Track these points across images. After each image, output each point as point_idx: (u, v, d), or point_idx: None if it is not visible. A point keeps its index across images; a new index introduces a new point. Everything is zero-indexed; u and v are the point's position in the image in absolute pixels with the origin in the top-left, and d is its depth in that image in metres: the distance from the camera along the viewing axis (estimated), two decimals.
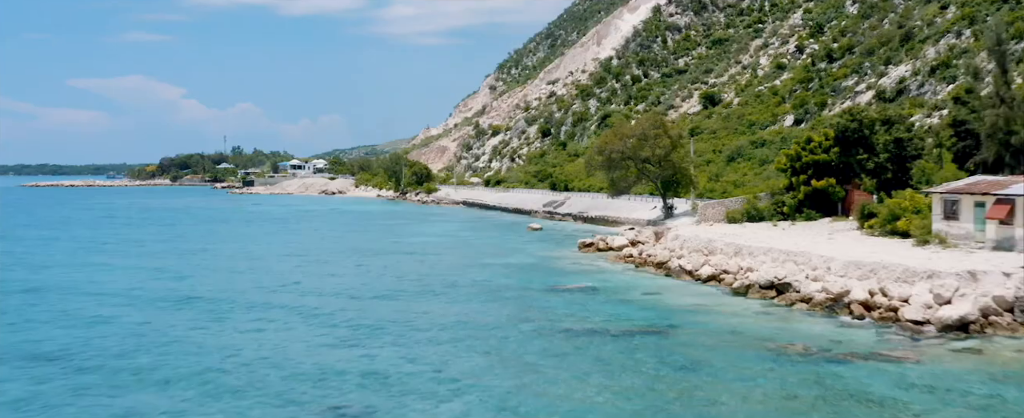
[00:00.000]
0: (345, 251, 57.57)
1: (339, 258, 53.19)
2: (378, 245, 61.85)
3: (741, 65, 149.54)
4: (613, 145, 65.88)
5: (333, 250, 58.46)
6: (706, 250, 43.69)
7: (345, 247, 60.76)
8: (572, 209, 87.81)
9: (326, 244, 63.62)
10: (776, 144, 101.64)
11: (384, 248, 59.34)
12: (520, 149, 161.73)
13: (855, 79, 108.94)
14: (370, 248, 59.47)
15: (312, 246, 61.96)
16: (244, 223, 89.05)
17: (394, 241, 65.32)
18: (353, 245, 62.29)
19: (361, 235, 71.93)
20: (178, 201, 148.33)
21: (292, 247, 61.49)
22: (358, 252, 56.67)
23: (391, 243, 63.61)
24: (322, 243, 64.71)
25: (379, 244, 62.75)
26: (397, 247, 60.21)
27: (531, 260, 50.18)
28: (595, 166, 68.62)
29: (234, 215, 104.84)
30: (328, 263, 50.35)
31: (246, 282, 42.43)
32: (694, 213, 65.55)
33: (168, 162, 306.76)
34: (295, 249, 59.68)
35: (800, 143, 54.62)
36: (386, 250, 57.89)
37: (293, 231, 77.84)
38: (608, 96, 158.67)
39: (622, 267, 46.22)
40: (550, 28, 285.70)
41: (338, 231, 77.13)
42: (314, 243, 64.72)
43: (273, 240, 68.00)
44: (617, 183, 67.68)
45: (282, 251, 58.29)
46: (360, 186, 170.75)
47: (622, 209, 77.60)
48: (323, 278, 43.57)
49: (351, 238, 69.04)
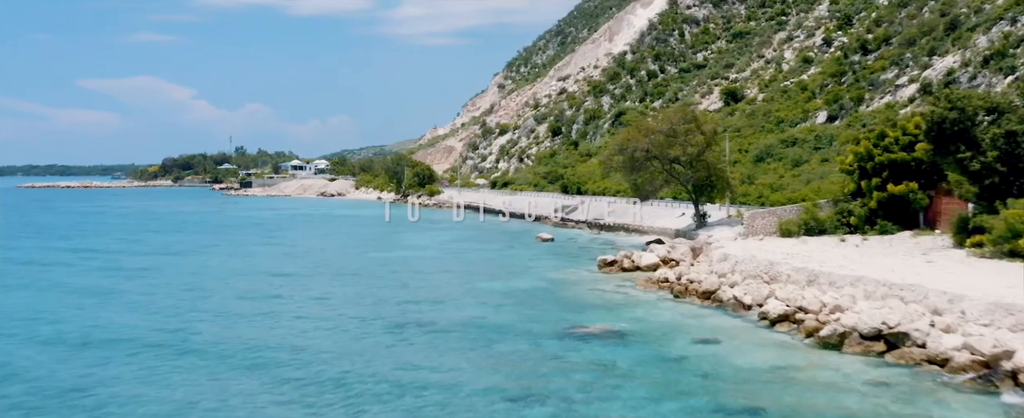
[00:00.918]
0: (315, 270, 47.30)
1: (304, 281, 42.90)
2: (359, 261, 51.60)
3: (764, 59, 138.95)
4: (636, 142, 55.51)
5: (302, 268, 48.23)
6: (767, 275, 33.28)
7: (318, 263, 50.53)
8: (587, 215, 77.48)
9: (298, 260, 53.39)
10: (809, 142, 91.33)
11: (365, 266, 49.07)
12: (529, 149, 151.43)
13: (895, 72, 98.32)
14: (348, 266, 49.20)
15: (279, 263, 51.71)
16: (217, 231, 78.94)
17: (381, 255, 55.08)
18: (330, 261, 52.06)
19: (344, 247, 61.70)
20: (166, 203, 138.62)
21: (254, 263, 51.28)
22: (331, 272, 46.40)
23: (376, 258, 53.38)
24: (293, 259, 54.48)
25: (361, 260, 52.52)
26: (382, 264, 49.98)
27: (540, 284, 39.82)
28: (614, 167, 58.19)
29: (215, 221, 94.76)
30: (284, 290, 40.01)
31: (146, 317, 32.24)
32: (731, 222, 55.10)
33: (170, 163, 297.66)
34: (255, 267, 49.44)
35: (871, 138, 44.07)
36: (367, 269, 47.62)
37: (268, 241, 67.64)
38: (622, 92, 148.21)
39: (656, 296, 35.84)
40: (560, 25, 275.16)
41: (320, 241, 66.99)
42: (283, 259, 54.47)
43: (237, 254, 57.84)
44: (641, 187, 57.32)
45: (238, 270, 48.06)
46: (361, 188, 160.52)
47: (644, 216, 67.25)
48: (264, 316, 33.22)
49: (331, 251, 58.83)
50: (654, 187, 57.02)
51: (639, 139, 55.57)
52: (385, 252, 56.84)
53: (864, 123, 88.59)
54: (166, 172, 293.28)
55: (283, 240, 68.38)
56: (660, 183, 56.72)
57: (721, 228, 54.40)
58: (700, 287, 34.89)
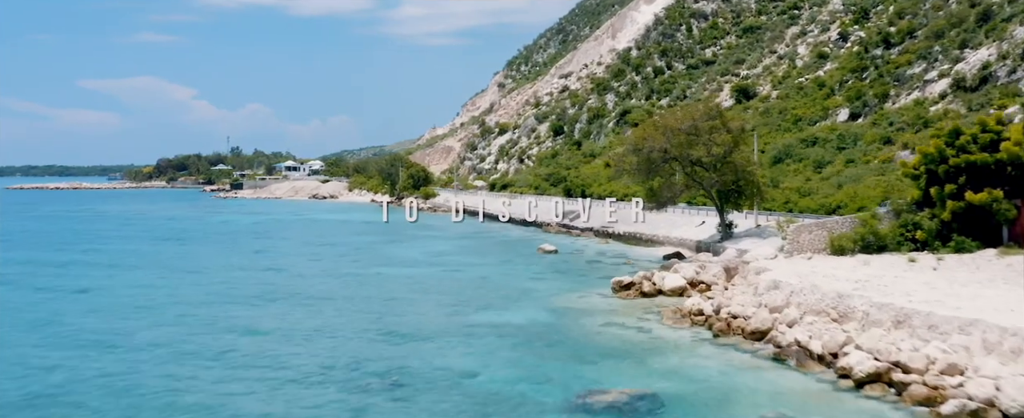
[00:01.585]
0: (274, 294, 39.54)
1: (253, 311, 35.16)
2: (332, 281, 43.86)
3: (776, 55, 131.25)
4: (653, 141, 47.84)
5: (258, 292, 40.47)
6: (835, 311, 25.60)
7: (281, 284, 42.77)
8: (593, 222, 69.74)
9: (258, 279, 45.62)
10: (831, 142, 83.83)
11: (338, 288, 41.35)
12: (529, 149, 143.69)
13: (922, 66, 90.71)
14: (316, 288, 41.44)
15: (233, 284, 43.93)
16: (185, 240, 71.25)
17: (360, 272, 47.40)
18: (296, 281, 44.32)
19: (320, 261, 53.90)
20: (149, 207, 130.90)
21: (205, 283, 43.44)
22: (292, 296, 38.65)
23: (354, 276, 45.69)
24: (254, 277, 46.72)
25: (335, 279, 44.79)
26: (359, 284, 42.31)
27: (542, 316, 32.10)
28: (627, 169, 50.43)
29: (189, 227, 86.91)
30: (222, 326, 32.30)
31: (14, 377, 24.58)
32: (762, 233, 47.45)
33: (165, 163, 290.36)
34: (202, 289, 41.64)
35: (942, 136, 36.30)
36: (338, 292, 39.89)
37: (234, 253, 59.87)
38: (627, 90, 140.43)
39: (690, 334, 28.16)
40: (561, 23, 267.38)
41: (295, 253, 59.20)
42: (240, 278, 46.69)
43: (191, 270, 50.14)
44: (658, 192, 49.63)
45: (179, 294, 40.26)
46: (355, 190, 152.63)
47: (659, 225, 59.57)
48: (184, 369, 25.51)
49: (302, 267, 51.04)
50: (673, 192, 49.36)
51: (656, 138, 47.91)
52: (366, 268, 49.13)
53: (891, 121, 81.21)
54: (160, 173, 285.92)
55: (259, 252, 60.65)
56: (680, 188, 49.08)
57: (751, 241, 46.73)
58: (747, 324, 27.20)
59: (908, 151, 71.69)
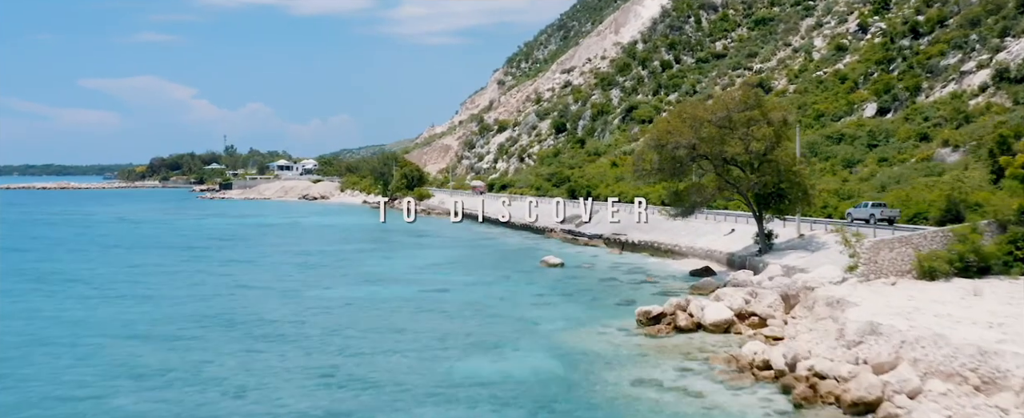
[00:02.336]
0: (212, 322, 31.20)
1: (165, 354, 26.84)
2: (286, 310, 35.42)
3: (791, 48, 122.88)
4: (679, 136, 39.47)
5: (189, 321, 32.14)
6: (976, 375, 17.38)
7: (226, 309, 34.39)
8: (602, 228, 61.46)
9: (192, 306, 37.24)
10: (860, 139, 75.60)
11: (288, 320, 32.93)
12: (530, 147, 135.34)
13: (957, 56, 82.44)
14: (264, 319, 33.01)
15: (162, 310, 35.58)
16: (143, 248, 62.95)
17: (324, 295, 39.09)
18: (242, 306, 35.91)
19: (282, 278, 45.35)
20: (130, 208, 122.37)
21: (137, 304, 35.12)
22: (233, 327, 30.31)
23: (320, 299, 37.39)
24: (190, 301, 38.36)
25: (290, 306, 36.37)
26: (323, 310, 34.03)
27: (547, 366, 23.77)
28: (647, 169, 41.90)
29: (157, 231, 78.44)
30: (112, 371, 24.02)
31: None
32: (809, 246, 39.15)
33: (158, 163, 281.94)
34: (119, 321, 33.31)
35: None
36: (288, 326, 31.53)
37: (190, 265, 51.48)
38: (633, 85, 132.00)
39: (758, 401, 19.87)
40: (562, 19, 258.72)
41: (256, 268, 50.61)
42: (177, 301, 38.34)
43: (130, 283, 41.84)
44: (686, 196, 41.27)
45: (93, 320, 31.97)
46: (347, 190, 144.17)
47: (680, 233, 51.24)
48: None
49: (258, 285, 42.63)
50: (703, 196, 40.95)
51: (682, 131, 39.53)
52: (336, 288, 40.78)
53: (926, 116, 73.13)
54: (154, 172, 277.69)
55: (207, 265, 52.29)
56: (712, 191, 40.69)
57: (797, 255, 38.42)
58: (843, 391, 18.88)
59: (950, 148, 63.70)
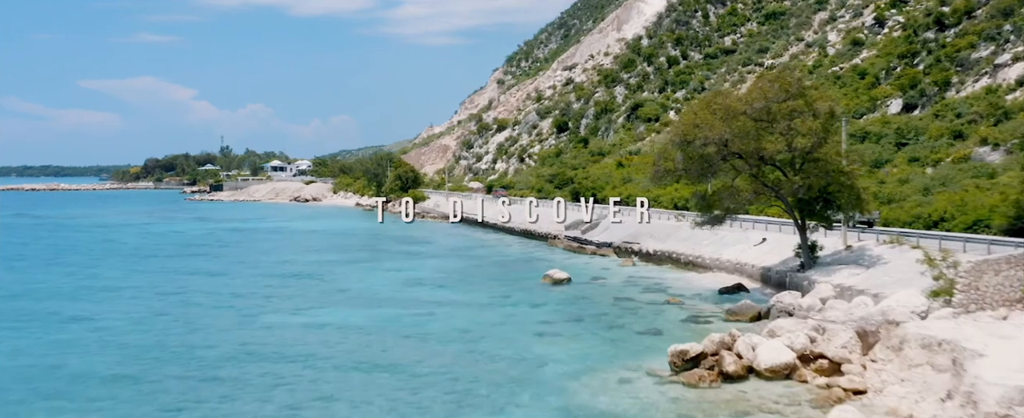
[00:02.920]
0: (136, 362, 24.69)
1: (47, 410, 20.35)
2: (241, 338, 28.85)
3: (804, 42, 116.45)
4: (708, 130, 32.93)
5: (119, 358, 25.66)
6: None
7: (158, 344, 27.85)
8: (613, 235, 54.87)
9: (130, 335, 30.72)
10: (888, 137, 69.28)
11: (238, 350, 26.45)
12: (531, 147, 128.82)
13: (990, 48, 76.13)
14: (211, 352, 26.49)
15: (87, 345, 29.05)
16: (92, 258, 56.41)
17: (282, 323, 32.55)
18: (192, 334, 29.38)
19: (241, 295, 38.68)
20: (111, 211, 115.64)
21: (48, 345, 28.60)
22: (159, 368, 23.78)
23: (264, 335, 30.83)
24: (131, 330, 31.83)
25: (249, 333, 29.84)
26: (274, 346, 27.50)
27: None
28: (670, 170, 35.31)
29: (123, 237, 71.79)
30: None
31: None
32: (862, 260, 32.64)
33: (153, 163, 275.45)
34: (15, 354, 26.80)
35: None
36: (227, 368, 25.03)
37: (151, 277, 44.92)
38: (639, 82, 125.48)
39: None
40: (563, 17, 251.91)
41: (222, 282, 43.90)
42: (106, 332, 31.79)
43: (37, 318, 35.33)
44: (716, 201, 34.76)
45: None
46: (339, 192, 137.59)
47: (701, 242, 44.69)
48: None
49: (220, 302, 36.08)
50: (737, 202, 34.39)
51: (712, 125, 32.99)
52: (306, 309, 34.20)
53: (959, 112, 66.87)
54: (148, 173, 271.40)
55: (173, 275, 45.76)
56: (748, 196, 34.16)
57: (849, 271, 31.91)
58: None
59: (989, 147, 57.56)
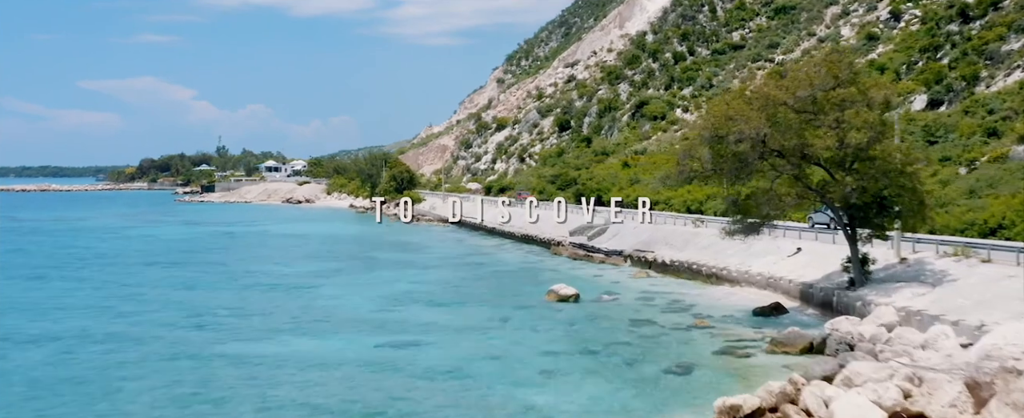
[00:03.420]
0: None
1: None
2: (175, 380, 23.41)
3: (816, 37, 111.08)
4: (744, 123, 27.48)
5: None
6: None
7: (62, 386, 22.43)
8: (623, 242, 49.33)
9: (35, 371, 25.26)
10: (915, 135, 63.63)
11: (167, 398, 20.99)
12: (531, 147, 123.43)
13: (1020, 40, 70.83)
14: (131, 403, 21.07)
15: None
16: (47, 268, 50.95)
17: (236, 355, 27.10)
18: (112, 373, 23.90)
19: (203, 315, 33.17)
20: (88, 212, 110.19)
21: None
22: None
23: (217, 368, 25.37)
24: (38, 365, 26.35)
25: (190, 370, 24.36)
26: (217, 390, 22.04)
27: None
28: (695, 170, 29.77)
29: (90, 243, 66.30)
30: None
31: None
32: (920, 275, 27.23)
33: (148, 164, 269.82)
34: None
35: None
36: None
37: (98, 292, 39.42)
38: (643, 79, 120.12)
39: None
40: (564, 15, 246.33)
41: (179, 298, 38.34)
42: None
43: None
44: (750, 206, 29.28)
45: None
46: (333, 193, 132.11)
47: (726, 251, 39.17)
48: None
49: (170, 322, 30.61)
50: (778, 207, 28.84)
51: (748, 117, 27.53)
52: (266, 337, 28.72)
53: (991, 108, 61.59)
54: (143, 174, 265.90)
55: (126, 288, 40.26)
56: (791, 201, 28.64)
57: (912, 290, 26.49)
58: None
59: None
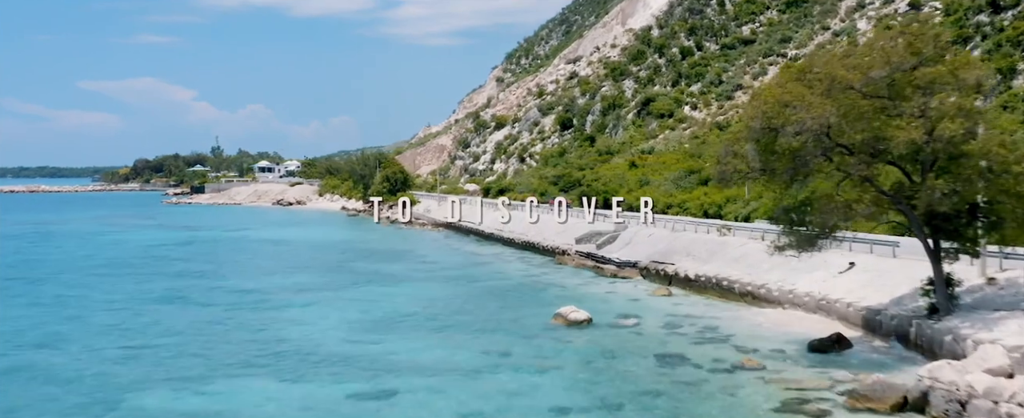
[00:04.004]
0: None
1: None
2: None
3: (831, 31, 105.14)
4: (805, 112, 21.59)
5: None
6: None
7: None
8: (637, 252, 43.25)
9: None
10: None
11: None
12: (532, 146, 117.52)
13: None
14: None
15: None
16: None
17: (157, 412, 21.17)
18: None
19: (139, 348, 27.20)
20: (70, 215, 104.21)
21: None
22: None
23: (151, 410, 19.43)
24: None
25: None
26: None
27: None
28: (739, 170, 23.77)
29: (52, 249, 60.37)
30: None
31: None
32: (1020, 299, 21.22)
33: (142, 164, 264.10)
34: None
35: None
36: None
37: (24, 310, 33.47)
38: (649, 75, 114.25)
39: None
40: (564, 13, 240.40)
41: (120, 322, 32.37)
42: None
43: None
44: (813, 214, 23.30)
45: None
46: (325, 194, 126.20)
47: (761, 265, 33.20)
48: None
49: (88, 362, 24.68)
50: (852, 215, 22.82)
51: (810, 104, 21.64)
52: (204, 380, 22.79)
53: None
54: (137, 174, 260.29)
55: (56, 309, 34.31)
56: (864, 209, 22.63)
57: (1018, 322, 20.64)
58: None
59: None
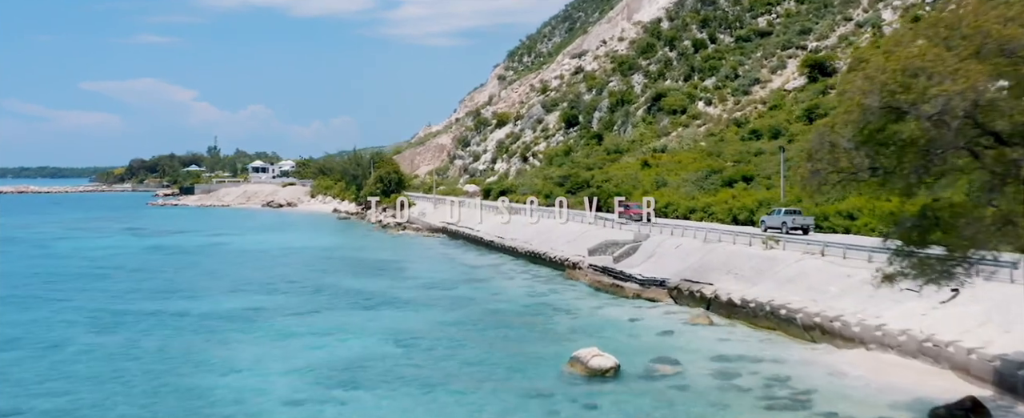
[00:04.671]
0: None
1: None
2: None
3: (854, 22, 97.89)
4: (940, 83, 14.52)
5: None
6: None
7: None
8: (663, 266, 35.89)
9: None
10: None
11: None
12: (535, 145, 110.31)
13: None
14: None
15: None
16: None
17: None
18: None
19: (22, 393, 20.19)
20: (43, 217, 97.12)
21: None
22: None
23: None
24: None
25: None
26: None
27: None
28: (834, 170, 16.66)
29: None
30: None
31: None
32: None
33: (137, 164, 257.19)
34: None
35: None
36: None
37: None
38: (660, 69, 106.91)
39: None
40: (567, 10, 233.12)
41: (16, 374, 25.33)
42: None
43: None
44: (950, 228, 16.15)
45: None
46: (318, 195, 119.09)
47: (827, 287, 25.98)
48: None
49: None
50: (1017, 235, 15.80)
51: (954, 70, 14.57)
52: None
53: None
54: (132, 175, 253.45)
55: None
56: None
57: None
58: None
59: None
